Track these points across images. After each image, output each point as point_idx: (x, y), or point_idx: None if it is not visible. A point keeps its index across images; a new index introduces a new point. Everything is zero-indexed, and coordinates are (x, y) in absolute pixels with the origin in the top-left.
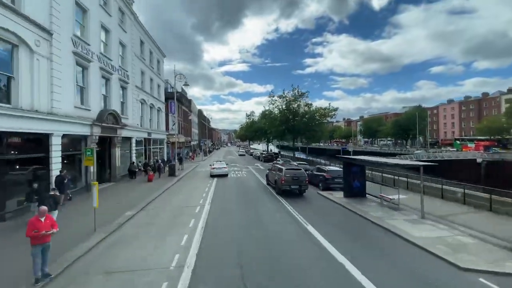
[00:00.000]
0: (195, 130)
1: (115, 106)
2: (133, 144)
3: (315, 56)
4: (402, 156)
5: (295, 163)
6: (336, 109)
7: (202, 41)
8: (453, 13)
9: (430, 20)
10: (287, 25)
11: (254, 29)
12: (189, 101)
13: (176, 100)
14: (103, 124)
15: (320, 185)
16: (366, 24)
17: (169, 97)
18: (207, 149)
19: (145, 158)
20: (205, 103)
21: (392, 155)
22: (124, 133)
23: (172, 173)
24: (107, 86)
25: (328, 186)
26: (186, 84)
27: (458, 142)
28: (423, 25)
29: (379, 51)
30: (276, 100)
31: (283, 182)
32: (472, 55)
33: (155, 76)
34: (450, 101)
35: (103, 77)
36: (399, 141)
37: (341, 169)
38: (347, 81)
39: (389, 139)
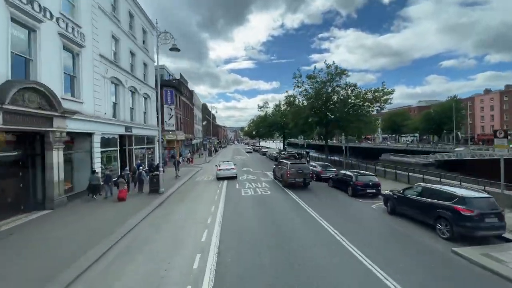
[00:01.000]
0: (198, 127)
1: (51, 79)
2: (96, 144)
3: (322, 52)
4: (438, 155)
5: (349, 172)
6: (392, 92)
7: (208, 38)
8: (465, 5)
9: (441, 12)
10: (293, 20)
11: (260, 25)
12: (191, 92)
13: (174, 88)
14: (10, 107)
15: (450, 227)
16: (374, 18)
17: (165, 84)
18: (213, 148)
19: (124, 164)
20: (211, 101)
21: (425, 153)
22: (73, 125)
23: (154, 189)
24: (30, 41)
25: (473, 232)
26: (175, 48)
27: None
28: (434, 17)
29: (388, 45)
30: (304, 82)
31: (288, 175)
32: (485, 48)
33: (138, 50)
34: (488, 91)
35: (15, 20)
36: (424, 137)
37: (490, 197)
38: (354, 76)
39: (413, 135)
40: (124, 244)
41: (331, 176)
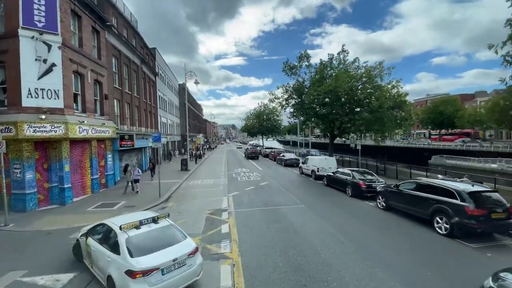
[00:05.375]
0: (172, 118)
1: None
2: None
3: (314, 48)
4: None
5: None
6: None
7: (198, 31)
8: (456, 2)
9: (432, 9)
10: (284, 15)
11: (251, 20)
12: (152, 51)
13: None
14: None
15: None
16: (366, 14)
17: None
18: (194, 150)
19: None
20: (201, 98)
21: (508, 155)
22: None
23: None
24: None
25: None
26: None
27: None
28: (425, 14)
29: (380, 42)
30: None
31: (248, 154)
32: (475, 45)
33: None
34: None
35: None
36: (470, 134)
37: None
38: None
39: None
40: None
41: None
